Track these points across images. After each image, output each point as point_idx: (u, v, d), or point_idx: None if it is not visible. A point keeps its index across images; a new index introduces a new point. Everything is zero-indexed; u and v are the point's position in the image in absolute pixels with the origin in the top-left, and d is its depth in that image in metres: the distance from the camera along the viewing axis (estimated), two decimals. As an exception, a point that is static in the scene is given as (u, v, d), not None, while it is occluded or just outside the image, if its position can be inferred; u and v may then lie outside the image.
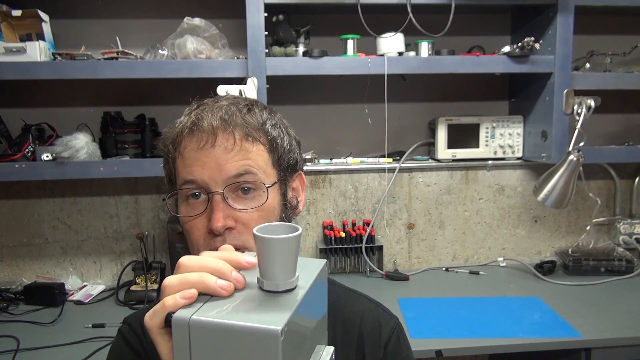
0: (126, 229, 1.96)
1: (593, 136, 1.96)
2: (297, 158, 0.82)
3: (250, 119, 0.74)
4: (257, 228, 0.52)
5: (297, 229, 0.52)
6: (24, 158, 1.64)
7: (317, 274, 0.56)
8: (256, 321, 0.46)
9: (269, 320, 0.46)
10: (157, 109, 1.88)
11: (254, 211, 0.73)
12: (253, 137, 0.74)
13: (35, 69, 1.55)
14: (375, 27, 1.69)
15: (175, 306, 0.51)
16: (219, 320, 0.47)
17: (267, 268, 0.51)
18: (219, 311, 0.49)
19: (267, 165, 0.75)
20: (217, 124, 0.72)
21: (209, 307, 0.50)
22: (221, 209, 0.71)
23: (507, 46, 1.76)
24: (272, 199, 0.75)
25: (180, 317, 0.48)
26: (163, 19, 1.84)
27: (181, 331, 0.48)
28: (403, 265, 2.08)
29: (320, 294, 0.58)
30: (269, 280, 0.51)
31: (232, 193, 0.73)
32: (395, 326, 0.86)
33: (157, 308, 0.52)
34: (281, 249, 0.50)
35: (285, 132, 0.80)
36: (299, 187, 0.85)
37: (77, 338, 1.49)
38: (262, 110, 0.78)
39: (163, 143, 0.77)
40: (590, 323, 1.52)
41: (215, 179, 0.71)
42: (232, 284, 0.52)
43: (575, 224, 2.14)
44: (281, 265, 0.51)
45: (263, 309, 0.50)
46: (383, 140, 1.90)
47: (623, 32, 2.02)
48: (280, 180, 0.78)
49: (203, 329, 0.47)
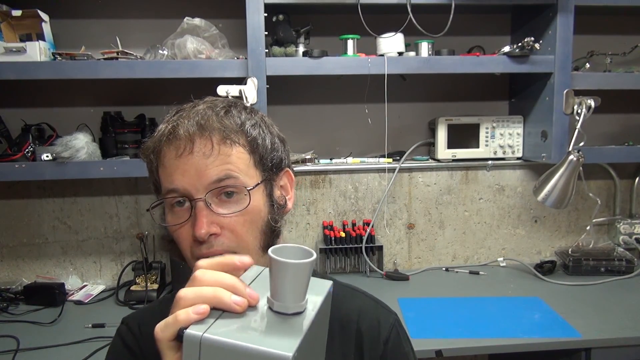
0: (126, 229, 1.96)
1: (593, 136, 1.96)
2: (281, 156, 0.80)
3: (227, 122, 0.73)
4: (273, 249, 0.52)
5: (312, 254, 0.52)
6: (24, 158, 1.64)
7: (324, 297, 0.57)
8: (268, 345, 0.47)
9: (281, 345, 0.47)
10: (157, 109, 1.88)
11: (239, 215, 0.73)
12: (231, 139, 0.73)
13: (35, 69, 1.55)
14: (375, 27, 1.69)
15: (188, 321, 0.51)
16: (230, 340, 0.48)
17: (278, 290, 0.52)
18: (230, 330, 0.49)
19: (249, 167, 0.75)
20: (194, 130, 0.71)
21: (221, 324, 0.50)
22: (204, 215, 0.71)
23: (507, 46, 1.76)
24: (256, 200, 0.74)
25: (192, 334, 0.49)
26: (163, 19, 1.84)
27: (192, 348, 0.49)
28: (403, 265, 2.08)
29: (325, 315, 0.59)
30: (280, 302, 0.52)
31: (215, 198, 0.72)
32: (394, 322, 0.85)
33: (170, 321, 0.53)
34: (295, 273, 0.51)
35: (266, 131, 0.79)
36: (287, 185, 0.84)
37: (77, 338, 1.49)
38: (240, 111, 0.77)
39: (144, 153, 0.77)
40: (590, 323, 1.52)
41: (196, 185, 0.71)
42: (246, 300, 0.53)
43: (575, 224, 2.14)
44: (293, 288, 0.52)
45: (274, 331, 0.50)
46: (383, 140, 1.90)
47: (623, 32, 2.02)
48: (265, 181, 0.77)
49: (214, 348, 0.48)
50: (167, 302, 0.85)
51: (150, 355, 0.81)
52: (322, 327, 0.59)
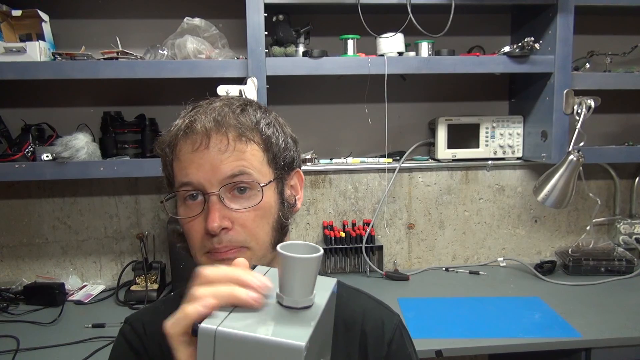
0: (126, 229, 1.96)
1: (593, 136, 1.96)
2: (293, 156, 0.82)
3: (243, 119, 0.75)
4: (281, 246, 0.53)
5: (319, 249, 0.54)
6: (24, 158, 1.64)
7: (330, 292, 0.59)
8: (280, 336, 0.49)
9: (293, 335, 0.49)
10: (157, 109, 1.88)
11: (251, 211, 0.74)
12: (247, 137, 0.74)
13: (35, 69, 1.55)
14: (375, 27, 1.69)
15: (198, 315, 0.52)
16: (244, 333, 0.49)
17: (288, 285, 0.53)
18: (244, 324, 0.51)
19: (262, 165, 0.76)
20: (211, 125, 0.73)
21: (234, 318, 0.52)
22: (217, 209, 0.72)
23: (507, 46, 1.76)
24: (268, 197, 0.76)
25: (206, 327, 0.50)
26: (163, 19, 1.84)
27: (207, 341, 0.50)
28: (403, 265, 2.08)
29: (330, 311, 0.61)
30: (289, 297, 0.53)
31: (229, 193, 0.73)
32: (398, 323, 0.86)
33: (180, 316, 0.53)
34: (303, 268, 0.52)
35: (280, 130, 0.80)
36: (297, 185, 0.85)
37: (77, 338, 1.49)
38: (256, 110, 0.78)
39: (160, 147, 0.78)
40: (590, 323, 1.52)
41: (210, 180, 0.72)
42: (262, 296, 0.54)
43: (575, 224, 2.14)
44: (302, 283, 0.53)
45: (285, 324, 0.52)
46: (383, 140, 1.90)
47: (623, 32, 2.02)
48: (277, 179, 0.78)
49: (228, 341, 0.49)
50: (171, 302, 0.85)
51: (155, 355, 0.82)
52: (328, 323, 0.61)
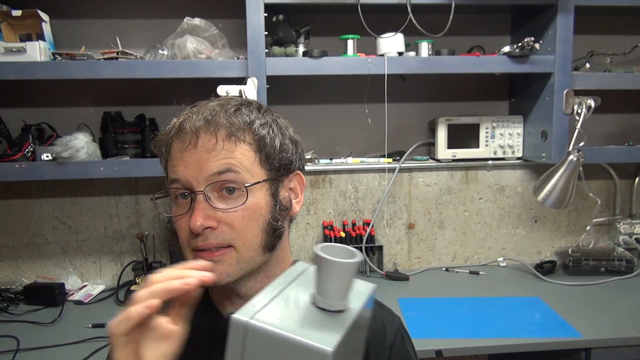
0: (126, 229, 1.96)
1: (593, 136, 1.96)
2: (291, 158, 0.80)
3: (235, 119, 0.74)
4: (321, 247, 0.53)
5: (357, 255, 0.54)
6: (24, 158, 1.64)
7: (365, 298, 0.58)
8: (309, 337, 0.49)
9: (322, 339, 0.49)
10: (157, 109, 1.88)
11: (238, 211, 0.73)
12: (237, 137, 0.73)
13: (35, 69, 1.55)
14: (375, 27, 1.69)
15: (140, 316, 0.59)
16: (274, 329, 0.49)
17: (324, 287, 0.53)
18: (275, 319, 0.51)
19: (253, 165, 0.75)
20: (200, 124, 0.73)
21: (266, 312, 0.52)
22: (201, 208, 0.72)
23: (507, 46, 1.76)
24: (258, 198, 0.75)
25: (239, 318, 0.51)
26: (163, 19, 1.83)
27: (238, 331, 0.51)
28: (403, 265, 2.08)
29: (365, 317, 0.60)
30: (324, 299, 0.53)
31: (216, 192, 0.73)
32: (399, 327, 0.86)
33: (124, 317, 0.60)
34: (341, 271, 0.52)
35: (277, 132, 0.78)
36: (298, 188, 0.83)
37: (77, 338, 1.49)
38: (252, 110, 0.78)
39: (156, 146, 0.80)
40: (590, 323, 1.52)
41: (197, 178, 0.72)
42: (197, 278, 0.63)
43: (575, 224, 2.14)
44: (337, 286, 0.53)
45: (316, 325, 0.51)
46: (383, 140, 1.90)
47: (623, 32, 2.02)
48: (270, 180, 0.77)
49: (258, 334, 0.50)
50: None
51: None
52: (361, 331, 0.60)
